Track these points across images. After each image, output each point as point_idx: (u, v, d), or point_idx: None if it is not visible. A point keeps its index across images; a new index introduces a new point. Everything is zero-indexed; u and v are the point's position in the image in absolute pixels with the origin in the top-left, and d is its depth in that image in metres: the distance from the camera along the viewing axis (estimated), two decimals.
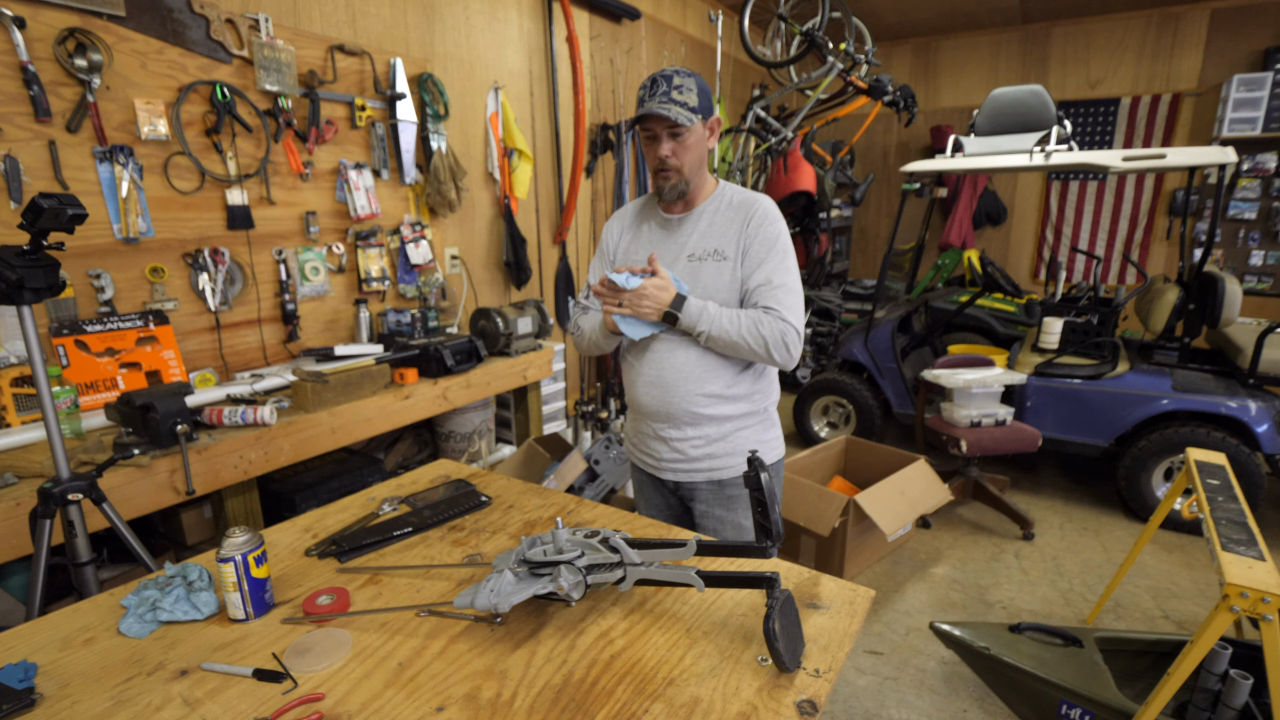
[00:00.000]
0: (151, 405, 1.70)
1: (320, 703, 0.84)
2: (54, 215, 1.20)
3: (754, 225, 1.38)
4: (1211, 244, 3.00)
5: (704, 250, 1.41)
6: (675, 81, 1.34)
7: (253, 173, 2.26)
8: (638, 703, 0.84)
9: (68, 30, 1.79)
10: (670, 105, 1.32)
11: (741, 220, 1.40)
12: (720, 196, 1.46)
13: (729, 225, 1.41)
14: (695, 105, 1.34)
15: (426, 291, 2.93)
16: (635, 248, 1.51)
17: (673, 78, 1.34)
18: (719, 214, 1.43)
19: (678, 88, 1.34)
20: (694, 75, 1.38)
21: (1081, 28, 5.28)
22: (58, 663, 0.92)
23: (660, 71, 1.37)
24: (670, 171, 1.38)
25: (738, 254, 1.39)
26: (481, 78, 3.12)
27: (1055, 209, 5.61)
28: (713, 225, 1.42)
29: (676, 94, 1.33)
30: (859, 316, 5.21)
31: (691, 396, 1.41)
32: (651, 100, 1.34)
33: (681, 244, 1.44)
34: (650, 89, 1.35)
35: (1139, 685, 1.77)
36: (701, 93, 1.36)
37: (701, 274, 1.40)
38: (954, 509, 3.28)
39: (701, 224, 1.43)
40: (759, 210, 1.40)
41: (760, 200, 1.42)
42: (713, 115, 1.40)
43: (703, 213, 1.44)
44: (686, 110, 1.33)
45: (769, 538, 0.93)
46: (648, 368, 1.45)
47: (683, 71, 1.36)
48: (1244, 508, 1.63)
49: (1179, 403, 2.95)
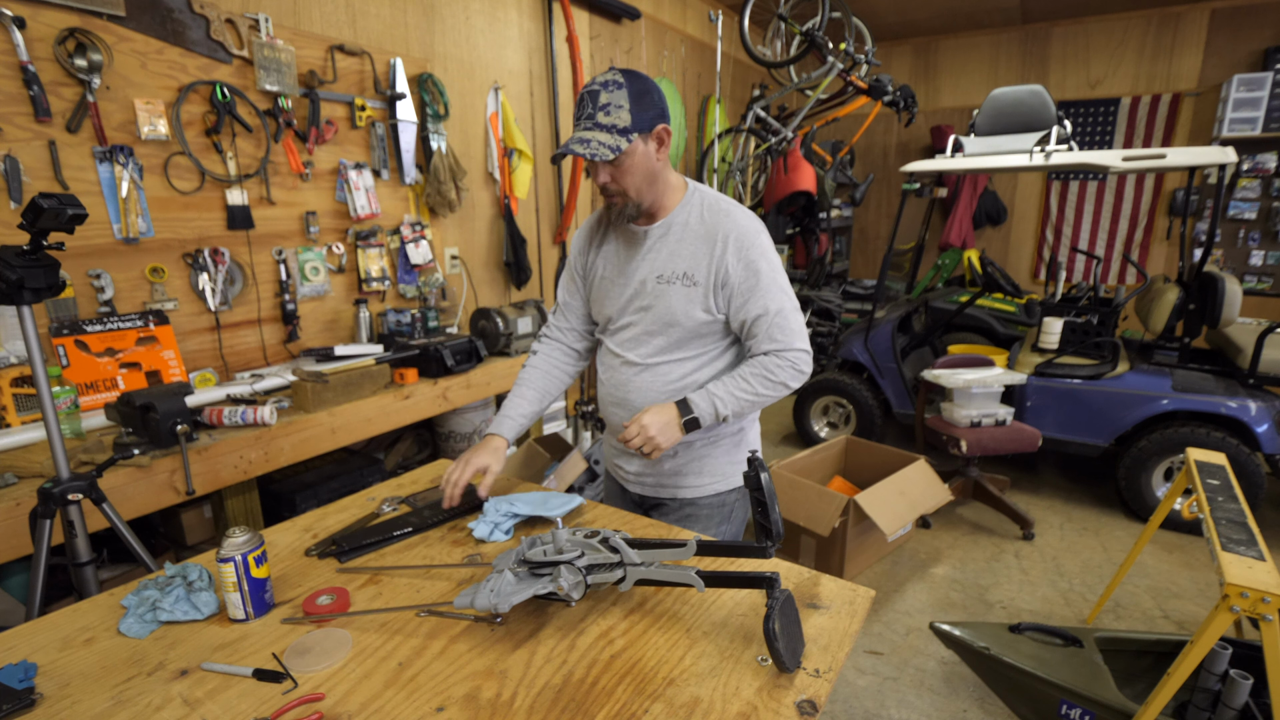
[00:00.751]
0: (151, 405, 1.69)
1: (320, 703, 0.84)
2: (54, 215, 1.20)
3: (731, 253, 1.25)
4: (1211, 244, 3.00)
5: (672, 272, 1.29)
6: (601, 100, 1.18)
7: (253, 173, 2.26)
8: (638, 703, 0.84)
9: (68, 30, 1.79)
10: (593, 136, 1.17)
11: (710, 242, 1.27)
12: (689, 206, 1.32)
13: (699, 245, 1.28)
14: (627, 124, 1.18)
15: (426, 291, 2.93)
16: (604, 264, 1.39)
17: (599, 94, 1.18)
18: (688, 229, 1.30)
19: (604, 107, 1.18)
20: (627, 83, 1.19)
21: (1081, 28, 5.28)
22: (58, 663, 0.92)
23: (588, 86, 1.20)
24: (615, 196, 1.26)
25: (710, 281, 1.27)
26: (481, 78, 3.12)
27: (1055, 209, 5.61)
28: (682, 242, 1.30)
29: (603, 115, 1.18)
30: (859, 316, 5.22)
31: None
32: (577, 127, 1.20)
33: (649, 261, 1.32)
34: (579, 108, 1.21)
35: (1139, 685, 1.77)
36: (638, 102, 1.19)
37: (670, 297, 1.29)
38: (954, 509, 3.28)
39: (670, 238, 1.31)
40: (734, 234, 1.26)
41: (731, 218, 1.28)
42: (657, 125, 1.23)
43: (671, 225, 1.31)
44: (613, 135, 1.18)
45: (769, 538, 0.93)
46: (615, 389, 1.40)
47: (613, 83, 1.18)
48: (1244, 508, 1.63)
49: (1179, 403, 2.95)
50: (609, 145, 1.17)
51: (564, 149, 1.19)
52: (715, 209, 1.30)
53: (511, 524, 1.29)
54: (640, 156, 1.22)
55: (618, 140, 1.18)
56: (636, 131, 1.19)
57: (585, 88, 1.21)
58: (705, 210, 1.30)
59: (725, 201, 1.32)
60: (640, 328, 1.34)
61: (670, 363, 1.34)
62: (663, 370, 1.34)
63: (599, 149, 1.17)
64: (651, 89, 1.21)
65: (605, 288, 1.39)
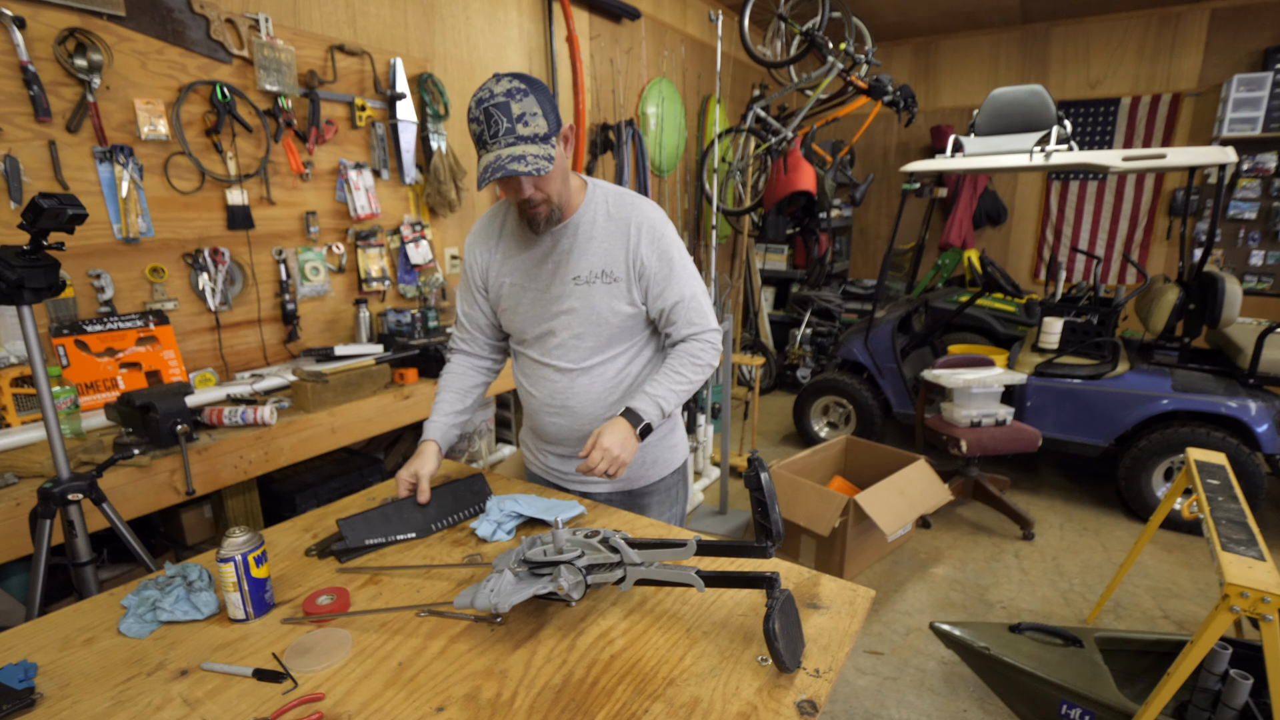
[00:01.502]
0: (151, 405, 1.70)
1: (320, 703, 0.84)
2: (54, 215, 1.20)
3: (645, 244, 1.26)
4: (1211, 244, 3.00)
5: (590, 272, 1.27)
6: (515, 110, 1.10)
7: (253, 173, 2.26)
8: (638, 703, 0.84)
9: (68, 30, 1.79)
10: (524, 150, 1.10)
11: (623, 235, 1.26)
12: (594, 203, 1.30)
13: (612, 241, 1.27)
14: (546, 130, 1.13)
15: (426, 291, 2.93)
16: (510, 273, 1.34)
17: (509, 105, 1.09)
18: (597, 226, 1.28)
19: (520, 119, 1.10)
20: (531, 88, 1.12)
21: (1081, 28, 5.28)
22: (58, 663, 0.92)
23: (489, 99, 1.10)
24: (539, 206, 1.21)
25: (628, 275, 1.27)
26: (481, 78, 3.12)
27: (1055, 209, 5.61)
28: (592, 240, 1.27)
29: (523, 127, 1.11)
30: (859, 316, 5.22)
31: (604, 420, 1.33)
32: (495, 145, 1.11)
33: (562, 265, 1.29)
34: (487, 125, 1.11)
35: (1139, 685, 1.77)
36: (548, 105, 1.14)
37: (593, 297, 1.27)
38: (954, 509, 3.28)
39: (580, 238, 1.28)
40: (645, 224, 1.26)
41: (639, 209, 1.28)
42: (563, 125, 1.19)
43: (578, 225, 1.28)
44: (540, 145, 1.12)
45: (769, 538, 0.93)
46: (551, 398, 1.37)
47: (519, 90, 1.10)
48: (1244, 508, 1.63)
49: (1179, 403, 2.95)
50: (543, 156, 1.12)
51: (499, 169, 1.09)
52: (621, 202, 1.29)
53: (514, 524, 1.29)
54: (559, 160, 1.18)
55: (546, 150, 1.13)
56: (553, 135, 1.15)
57: (487, 101, 1.10)
58: (611, 205, 1.29)
59: (628, 194, 1.32)
60: (568, 333, 1.31)
61: (604, 362, 1.33)
62: (598, 371, 1.33)
63: (538, 163, 1.11)
64: (546, 88, 1.17)
65: (517, 296, 1.34)
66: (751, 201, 4.58)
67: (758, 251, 5.57)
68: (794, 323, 5.33)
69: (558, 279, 1.30)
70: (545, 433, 1.43)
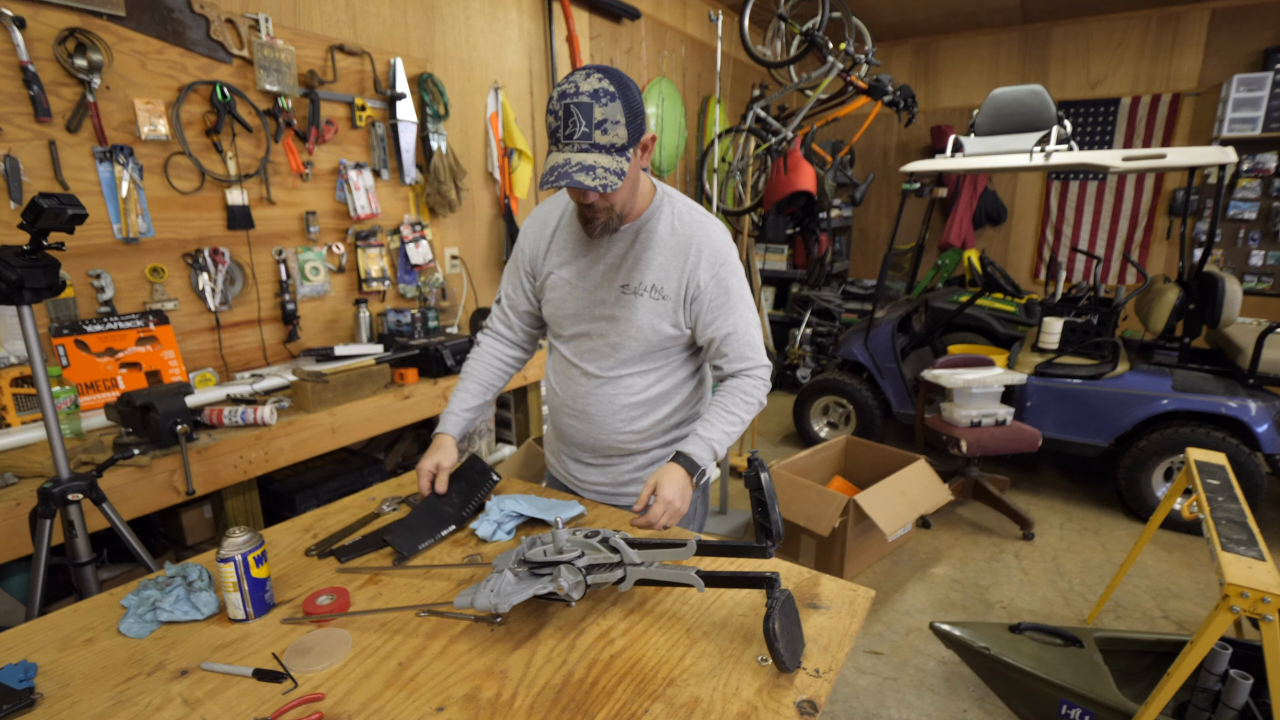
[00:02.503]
0: (151, 405, 1.69)
1: (320, 703, 0.84)
2: (54, 215, 1.20)
3: (704, 268, 1.20)
4: (1211, 244, 3.00)
5: (640, 284, 1.22)
6: (597, 115, 1.02)
7: (253, 173, 2.26)
8: (638, 703, 0.84)
9: (68, 30, 1.79)
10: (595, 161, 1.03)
11: (682, 258, 1.21)
12: (659, 213, 1.23)
13: (670, 260, 1.21)
14: (624, 141, 1.05)
15: (426, 291, 2.93)
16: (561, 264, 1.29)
17: (591, 108, 1.02)
18: (657, 237, 1.22)
19: (600, 125, 1.03)
20: (619, 92, 1.04)
21: (1081, 28, 5.28)
22: (58, 663, 0.92)
23: (572, 95, 1.02)
24: (599, 213, 1.15)
25: (680, 296, 1.22)
26: (481, 78, 3.12)
27: (1055, 209, 5.61)
28: (650, 250, 1.22)
29: (600, 134, 1.03)
30: (859, 316, 5.22)
31: (622, 434, 1.32)
32: (567, 146, 1.04)
33: (615, 269, 1.24)
34: (564, 123, 1.04)
35: (1139, 685, 1.77)
36: (630, 111, 1.05)
37: (636, 308, 1.23)
38: (954, 509, 3.28)
39: (637, 247, 1.23)
40: (707, 247, 1.20)
41: (705, 230, 1.22)
42: (644, 134, 1.11)
43: (638, 232, 1.23)
44: (615, 158, 1.05)
45: (769, 537, 0.93)
46: (573, 400, 1.34)
47: (606, 93, 1.02)
48: (1244, 508, 1.63)
49: (1179, 403, 2.95)
50: (614, 170, 1.05)
51: (565, 175, 1.03)
52: (687, 219, 1.23)
53: (514, 524, 1.29)
54: (632, 172, 1.11)
55: (619, 163, 1.06)
56: (632, 146, 1.08)
57: (570, 97, 1.03)
58: (677, 220, 1.23)
59: (697, 211, 1.25)
60: (603, 340, 1.28)
61: (632, 375, 1.29)
62: (625, 383, 1.30)
63: (607, 178, 1.03)
64: (637, 91, 1.09)
65: (563, 290, 1.30)
66: (751, 201, 4.58)
67: (758, 251, 5.57)
68: (794, 323, 5.33)
69: (606, 282, 1.25)
70: (564, 433, 1.42)
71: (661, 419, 1.33)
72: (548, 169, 1.06)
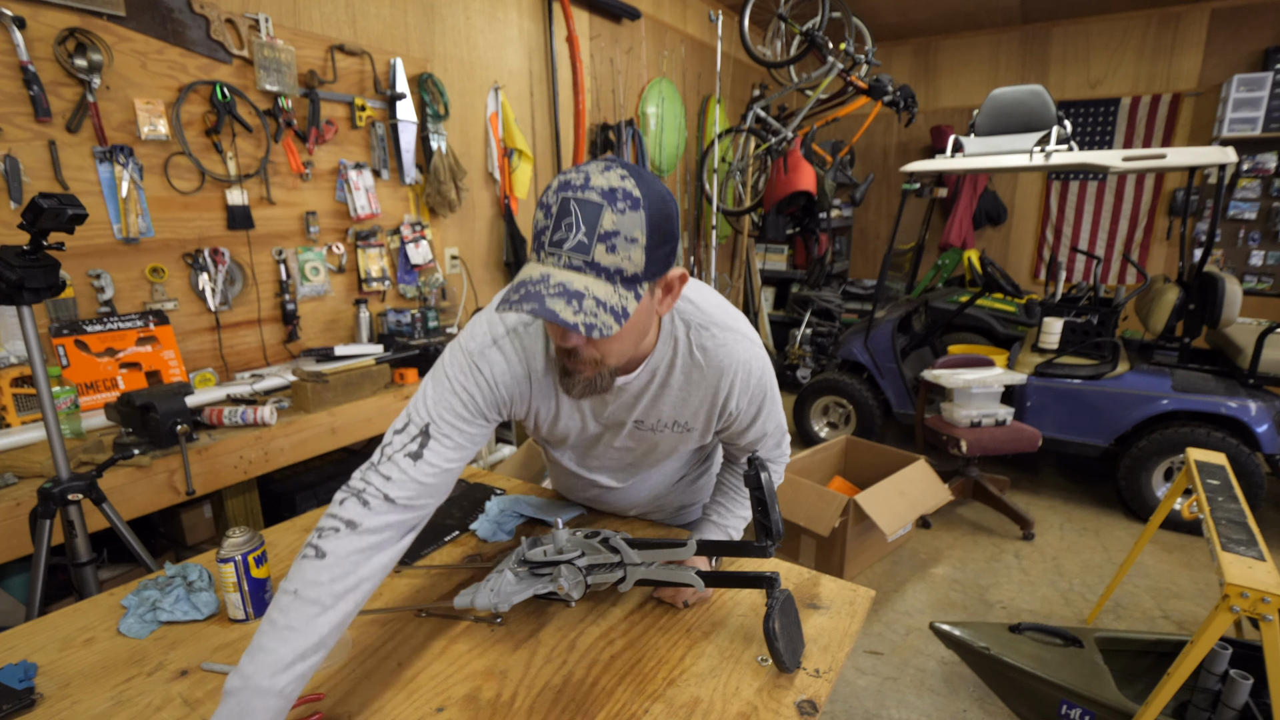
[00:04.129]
0: (151, 405, 1.69)
1: (320, 703, 0.84)
2: (54, 215, 1.20)
3: (737, 396, 0.99)
4: (1211, 244, 3.00)
5: (659, 421, 1.02)
6: (605, 223, 0.71)
7: (253, 173, 2.26)
8: (638, 703, 0.84)
9: (68, 30, 1.79)
10: (586, 285, 0.72)
11: (712, 393, 0.99)
12: (669, 346, 0.95)
13: (693, 392, 0.99)
14: (637, 269, 0.74)
15: (426, 291, 2.93)
16: (543, 401, 0.99)
17: (601, 212, 0.71)
18: (675, 376, 0.97)
19: (608, 237, 0.71)
20: (644, 196, 0.73)
21: (1081, 28, 5.28)
22: (58, 663, 0.92)
23: (580, 186, 0.72)
24: (583, 364, 0.84)
25: (708, 424, 1.04)
26: (481, 78, 3.12)
27: (1055, 209, 5.61)
28: (666, 391, 0.98)
29: (604, 251, 0.72)
30: (859, 316, 5.21)
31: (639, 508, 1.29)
32: (549, 256, 0.73)
33: (625, 407, 1.00)
34: (555, 222, 0.72)
35: (1139, 685, 1.77)
36: (655, 229, 0.74)
37: (656, 439, 1.06)
38: (954, 509, 3.28)
39: (649, 392, 0.98)
40: (739, 375, 0.97)
41: (732, 354, 0.96)
42: (671, 269, 0.81)
43: (654, 370, 0.96)
44: (617, 289, 0.74)
45: (769, 537, 0.93)
46: (586, 501, 1.32)
47: (624, 195, 0.72)
48: (1244, 508, 1.63)
49: (1179, 403, 2.95)
50: (611, 306, 0.73)
51: (533, 298, 0.71)
52: (711, 343, 0.95)
53: (514, 524, 1.29)
54: (641, 312, 0.80)
55: (623, 298, 0.74)
56: (648, 280, 0.77)
57: (572, 189, 0.72)
58: (696, 348, 0.95)
59: (720, 328, 0.96)
60: (615, 461, 1.14)
61: (651, 475, 1.21)
62: (642, 482, 1.22)
63: (597, 315, 0.72)
64: (671, 207, 0.77)
65: (551, 424, 1.04)
66: (751, 201, 4.58)
67: (758, 251, 5.57)
68: (794, 323, 5.33)
69: (614, 422, 1.04)
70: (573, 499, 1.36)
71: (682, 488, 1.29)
72: (516, 284, 0.75)
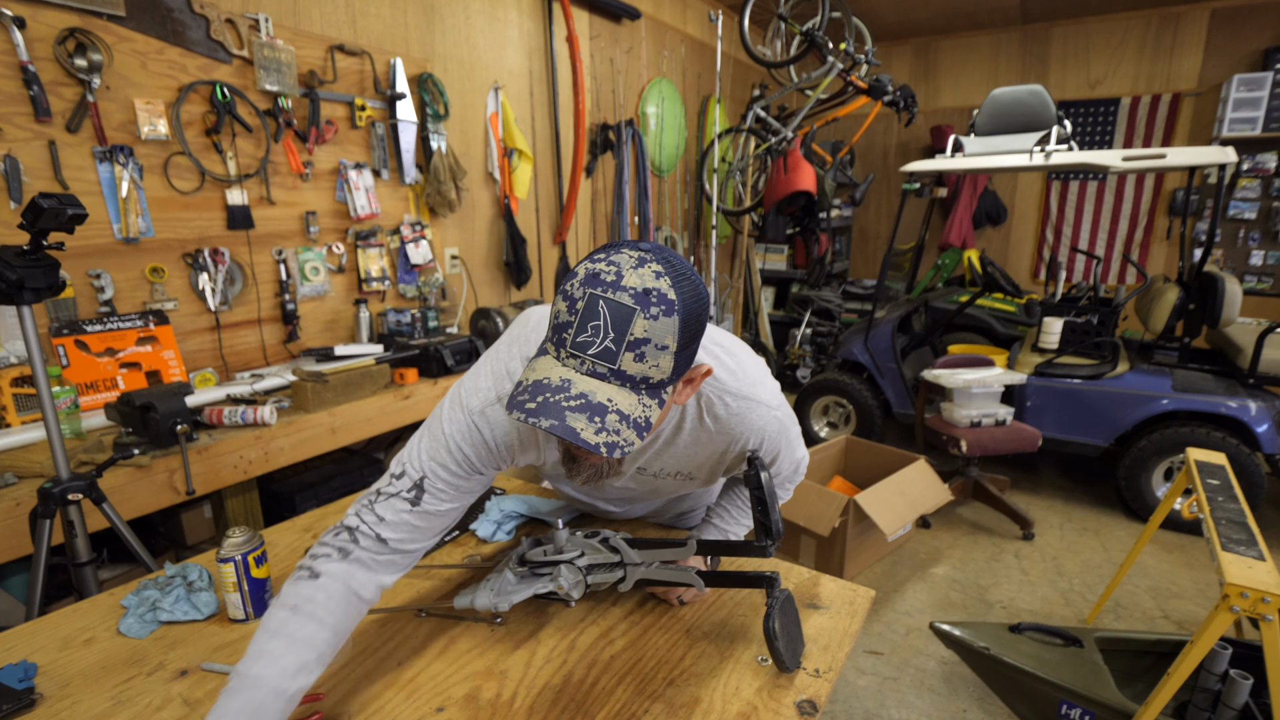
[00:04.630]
0: (151, 405, 1.70)
1: (320, 703, 0.84)
2: (54, 215, 1.20)
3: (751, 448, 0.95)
4: (1211, 244, 3.00)
5: (661, 469, 0.99)
6: (637, 330, 0.64)
7: (253, 173, 2.26)
8: (638, 703, 0.84)
9: (68, 30, 1.79)
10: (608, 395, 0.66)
11: (721, 450, 0.95)
12: (684, 409, 0.90)
13: (701, 451, 0.95)
14: (666, 376, 0.68)
15: (426, 291, 2.93)
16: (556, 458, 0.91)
17: (633, 318, 0.64)
18: (684, 436, 0.92)
19: (637, 346, 0.65)
20: (679, 298, 0.66)
21: (1081, 28, 5.28)
22: (58, 663, 0.92)
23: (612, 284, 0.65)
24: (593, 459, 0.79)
25: (713, 475, 1.02)
26: (481, 78, 3.12)
27: (1055, 209, 5.61)
28: (673, 446, 0.94)
29: (632, 360, 0.65)
30: (859, 316, 5.22)
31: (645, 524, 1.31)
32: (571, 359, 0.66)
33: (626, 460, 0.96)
34: (579, 322, 0.65)
35: (1139, 685, 1.77)
36: (687, 330, 0.67)
37: (659, 483, 1.04)
38: (954, 509, 3.28)
39: (658, 444, 0.94)
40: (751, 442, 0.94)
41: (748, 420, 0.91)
42: (697, 364, 0.76)
43: (660, 432, 0.91)
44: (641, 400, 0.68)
45: (769, 536, 0.93)
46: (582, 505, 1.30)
47: (658, 296, 0.65)
48: (1244, 508, 1.63)
49: (1179, 403, 2.95)
50: (634, 420, 0.67)
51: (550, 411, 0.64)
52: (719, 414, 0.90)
53: (514, 524, 1.29)
54: (663, 415, 0.75)
55: (647, 408, 0.68)
56: (674, 384, 0.72)
57: (602, 287, 0.65)
58: (707, 415, 0.90)
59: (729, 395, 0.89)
60: (616, 494, 1.16)
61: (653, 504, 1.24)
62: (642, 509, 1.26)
63: (621, 432, 0.65)
64: (704, 302, 0.70)
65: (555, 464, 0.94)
66: (751, 201, 4.58)
67: (758, 251, 5.57)
68: (794, 323, 5.33)
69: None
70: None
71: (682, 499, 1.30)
72: (529, 384, 0.67)
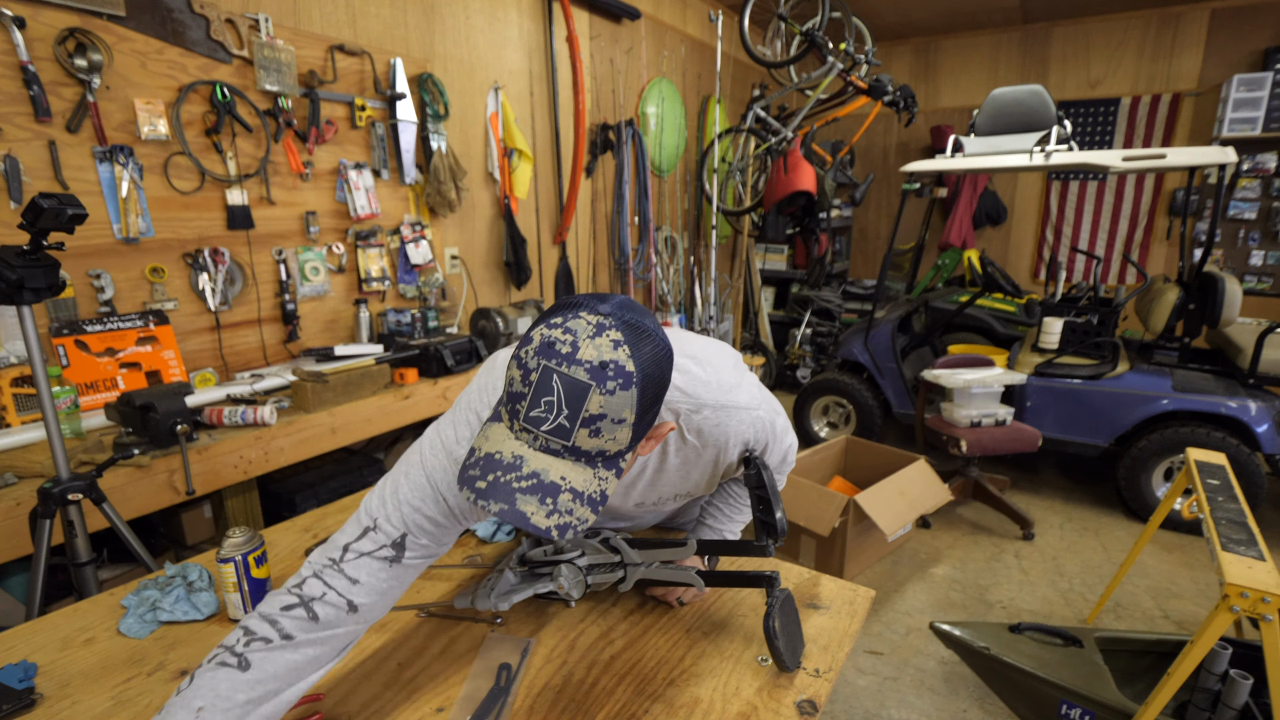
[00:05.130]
0: (151, 405, 1.69)
1: (320, 703, 0.84)
2: (54, 215, 1.20)
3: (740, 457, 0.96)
4: (1211, 244, 3.00)
5: (659, 498, 1.00)
6: (591, 407, 0.62)
7: (253, 173, 2.26)
8: (638, 703, 0.84)
9: (68, 30, 1.79)
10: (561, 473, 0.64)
11: (713, 461, 0.94)
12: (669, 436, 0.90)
13: (694, 469, 0.95)
14: (623, 447, 0.66)
15: (426, 291, 2.93)
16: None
17: (587, 394, 0.61)
18: (671, 459, 0.92)
19: (592, 421, 0.62)
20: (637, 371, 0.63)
21: (1081, 28, 5.28)
22: (58, 663, 0.92)
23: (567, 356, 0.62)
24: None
25: (712, 484, 1.02)
26: (481, 78, 3.12)
27: (1055, 209, 5.61)
28: (663, 473, 0.94)
29: (586, 435, 0.63)
30: (859, 316, 5.22)
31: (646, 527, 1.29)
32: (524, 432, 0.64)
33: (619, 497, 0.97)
34: (532, 395, 0.62)
35: (1139, 685, 1.77)
36: (644, 403, 0.65)
37: (659, 507, 1.05)
38: (954, 509, 3.28)
39: (647, 473, 0.94)
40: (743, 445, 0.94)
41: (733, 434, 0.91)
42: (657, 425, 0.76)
43: (645, 463, 0.92)
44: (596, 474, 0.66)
45: (771, 535, 0.93)
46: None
47: (615, 370, 0.62)
48: (1244, 508, 1.63)
49: (1179, 403, 2.95)
50: (589, 498, 0.65)
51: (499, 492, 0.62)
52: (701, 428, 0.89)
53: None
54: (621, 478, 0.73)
55: (602, 482, 0.66)
56: (632, 450, 0.69)
57: (556, 359, 0.62)
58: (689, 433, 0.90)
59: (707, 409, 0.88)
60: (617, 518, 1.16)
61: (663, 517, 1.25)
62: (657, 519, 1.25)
63: (573, 511, 0.63)
64: (665, 365, 0.68)
65: None
66: (751, 201, 4.58)
67: (758, 251, 5.57)
68: (794, 323, 5.33)
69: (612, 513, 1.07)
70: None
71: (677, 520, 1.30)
72: (481, 456, 0.65)
